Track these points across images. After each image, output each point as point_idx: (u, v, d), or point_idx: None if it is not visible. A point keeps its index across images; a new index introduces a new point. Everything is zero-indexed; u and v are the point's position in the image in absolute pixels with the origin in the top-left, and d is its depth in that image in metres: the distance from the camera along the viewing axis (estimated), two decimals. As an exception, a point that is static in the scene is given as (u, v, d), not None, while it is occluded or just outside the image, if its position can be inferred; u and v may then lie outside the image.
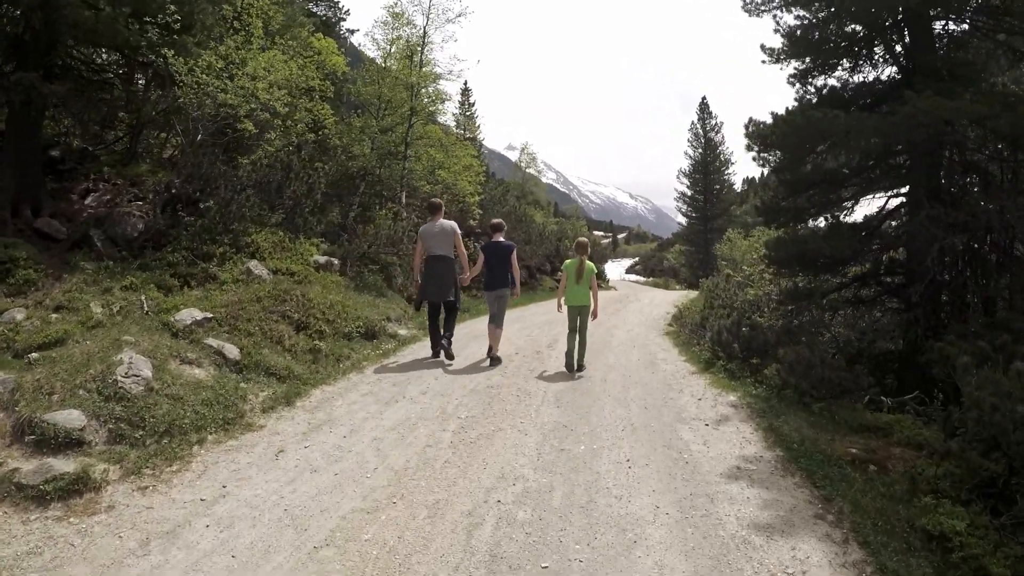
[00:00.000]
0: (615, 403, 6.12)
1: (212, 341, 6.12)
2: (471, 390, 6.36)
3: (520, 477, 4.26)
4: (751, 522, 3.72)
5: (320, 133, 14.00)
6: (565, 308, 7.60)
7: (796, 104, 9.00)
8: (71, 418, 4.36)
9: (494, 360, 7.59)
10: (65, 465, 3.98)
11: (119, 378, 4.90)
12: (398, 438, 4.96)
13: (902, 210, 8.85)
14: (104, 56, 9.53)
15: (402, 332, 8.88)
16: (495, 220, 8.28)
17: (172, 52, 8.46)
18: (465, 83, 40.70)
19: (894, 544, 3.55)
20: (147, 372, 5.11)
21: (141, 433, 4.55)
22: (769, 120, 8.43)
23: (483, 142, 40.91)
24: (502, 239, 7.87)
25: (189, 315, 6.38)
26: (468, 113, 38.75)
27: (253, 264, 8.22)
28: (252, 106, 10.19)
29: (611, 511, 3.80)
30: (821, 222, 9.37)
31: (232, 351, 6.11)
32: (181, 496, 3.92)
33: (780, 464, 4.65)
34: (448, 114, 19.62)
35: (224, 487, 4.05)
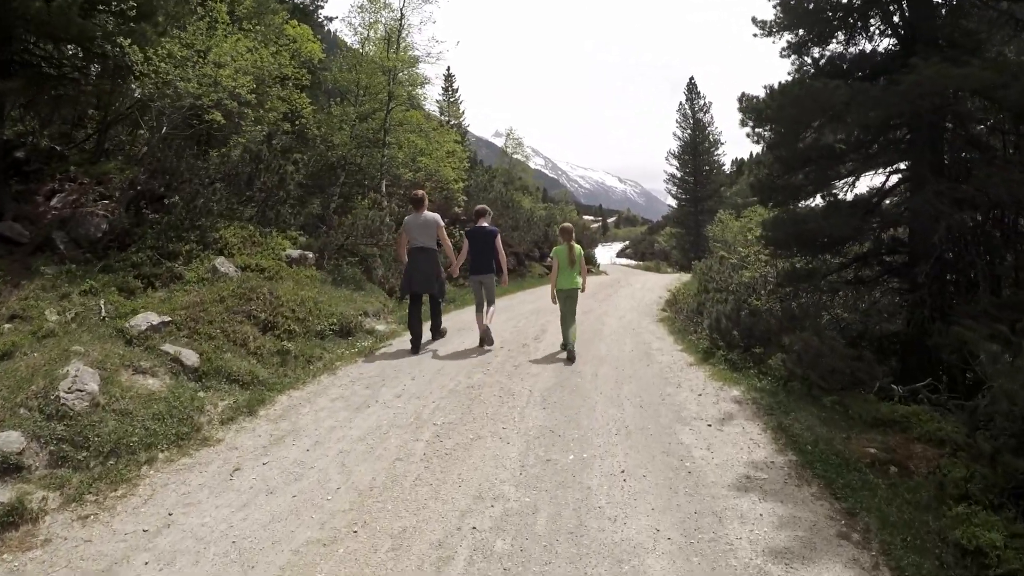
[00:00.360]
0: (607, 402, 5.65)
1: (169, 347, 5.62)
2: (450, 391, 5.89)
3: (500, 496, 3.79)
4: (767, 547, 3.25)
5: (297, 123, 13.48)
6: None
7: (793, 77, 8.58)
8: (9, 441, 3.90)
9: (484, 340, 7.52)
10: (1, 494, 3.56)
11: (62, 394, 4.42)
12: (366, 450, 4.49)
13: (902, 186, 8.46)
14: (69, 49, 8.97)
15: (380, 328, 8.41)
16: (479, 206, 8.29)
17: (128, 41, 7.90)
18: (448, 68, 39.85)
19: (927, 564, 3.12)
20: (93, 386, 4.62)
21: (85, 454, 4.10)
22: (763, 94, 8.02)
23: (468, 128, 40.24)
24: (486, 224, 7.91)
25: (145, 320, 5.87)
26: (452, 99, 38.05)
27: (219, 261, 7.69)
28: (218, 95, 9.65)
29: (604, 537, 3.33)
30: (818, 200, 9.00)
31: (190, 357, 5.61)
32: (123, 527, 3.48)
33: (794, 471, 4.19)
34: (430, 99, 19.13)
35: (170, 515, 3.61)
